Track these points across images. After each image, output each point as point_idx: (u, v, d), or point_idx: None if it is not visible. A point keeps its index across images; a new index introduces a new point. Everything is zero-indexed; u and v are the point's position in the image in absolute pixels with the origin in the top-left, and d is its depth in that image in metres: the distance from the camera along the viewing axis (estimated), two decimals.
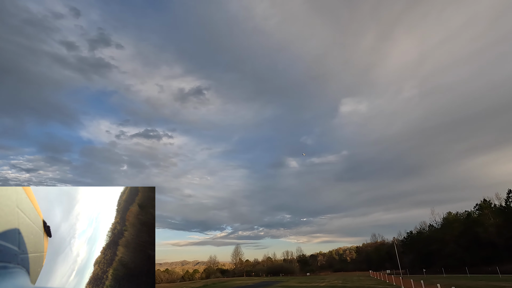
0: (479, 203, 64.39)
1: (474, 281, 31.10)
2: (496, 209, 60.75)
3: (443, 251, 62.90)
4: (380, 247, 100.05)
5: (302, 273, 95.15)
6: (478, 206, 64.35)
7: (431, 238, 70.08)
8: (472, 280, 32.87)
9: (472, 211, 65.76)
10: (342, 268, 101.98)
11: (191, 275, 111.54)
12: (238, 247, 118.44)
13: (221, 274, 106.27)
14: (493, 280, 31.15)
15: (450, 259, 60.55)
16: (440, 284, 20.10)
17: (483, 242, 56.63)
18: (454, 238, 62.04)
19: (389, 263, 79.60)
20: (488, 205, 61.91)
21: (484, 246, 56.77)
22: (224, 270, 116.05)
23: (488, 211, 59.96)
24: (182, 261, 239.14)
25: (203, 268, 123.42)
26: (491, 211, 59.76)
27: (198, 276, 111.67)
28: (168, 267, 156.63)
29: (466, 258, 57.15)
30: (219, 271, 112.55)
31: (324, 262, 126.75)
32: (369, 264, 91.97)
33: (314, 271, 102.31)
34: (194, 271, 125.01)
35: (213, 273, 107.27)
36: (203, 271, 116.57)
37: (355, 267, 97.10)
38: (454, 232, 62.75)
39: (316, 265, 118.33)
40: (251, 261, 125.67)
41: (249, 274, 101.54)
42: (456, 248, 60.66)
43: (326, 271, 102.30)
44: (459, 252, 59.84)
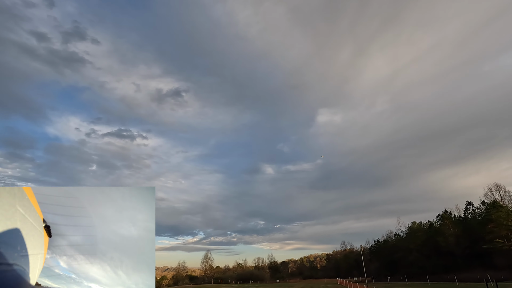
0: (440, 214, 67.70)
1: None
2: (456, 219, 64.13)
3: (407, 259, 65.09)
4: (349, 254, 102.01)
5: (272, 280, 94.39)
6: (439, 217, 67.58)
7: (396, 246, 72.44)
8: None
9: (434, 221, 68.95)
10: (311, 275, 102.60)
11: (158, 282, 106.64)
12: (208, 253, 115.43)
13: (190, 281, 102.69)
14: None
15: (413, 267, 62.70)
16: None
17: (443, 251, 59.31)
18: (417, 247, 64.43)
19: (357, 271, 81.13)
20: (449, 216, 65.21)
21: (443, 255, 59.45)
22: (193, 276, 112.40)
23: (448, 221, 63.09)
24: None
25: (172, 275, 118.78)
26: (451, 222, 62.95)
27: (166, 283, 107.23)
28: None
29: (427, 266, 59.41)
30: (188, 277, 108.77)
31: (295, 269, 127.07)
32: (338, 272, 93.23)
33: (284, 278, 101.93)
34: (162, 277, 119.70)
35: (182, 279, 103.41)
36: (171, 278, 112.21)
37: (324, 275, 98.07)
38: (418, 241, 65.23)
39: (287, 272, 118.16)
40: (222, 267, 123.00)
41: (218, 281, 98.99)
42: (418, 256, 62.99)
43: (296, 278, 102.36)
44: (421, 260, 62.18)
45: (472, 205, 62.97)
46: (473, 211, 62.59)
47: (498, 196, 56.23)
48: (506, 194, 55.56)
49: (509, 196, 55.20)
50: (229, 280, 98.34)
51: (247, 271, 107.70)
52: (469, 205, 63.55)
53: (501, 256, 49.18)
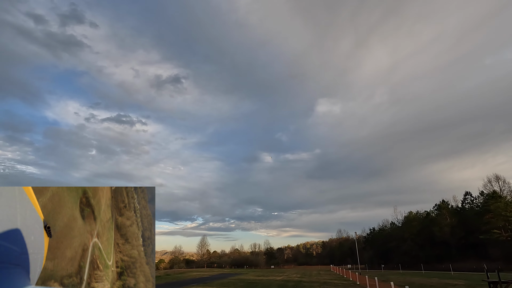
0: (438, 204, 67.18)
1: (428, 278, 31.39)
2: (453, 209, 63.59)
3: (401, 248, 65.06)
4: (344, 242, 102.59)
5: (267, 266, 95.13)
6: (436, 207, 67.09)
7: (391, 235, 72.38)
8: (426, 277, 33.28)
9: (431, 211, 68.51)
10: (306, 262, 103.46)
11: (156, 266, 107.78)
12: (204, 238, 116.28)
13: (186, 265, 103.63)
14: (445, 277, 31.65)
15: (407, 256, 62.71)
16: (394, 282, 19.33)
17: (438, 241, 59.09)
18: (412, 236, 64.29)
19: (351, 259, 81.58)
20: (446, 206, 64.67)
21: (437, 245, 59.29)
22: (190, 260, 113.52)
23: (445, 211, 62.57)
24: None
25: (169, 259, 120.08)
26: (448, 211, 62.43)
27: (163, 266, 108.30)
28: None
29: (421, 256, 59.35)
30: (185, 261, 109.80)
31: (291, 255, 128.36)
32: (332, 259, 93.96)
33: (279, 264, 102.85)
34: (159, 261, 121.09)
35: (178, 263, 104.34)
36: (168, 261, 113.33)
37: (319, 262, 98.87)
38: (413, 231, 65.03)
39: (282, 259, 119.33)
40: (218, 252, 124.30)
41: (212, 265, 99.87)
42: (413, 245, 62.90)
43: (290, 264, 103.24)
44: (415, 249, 62.11)
45: (470, 195, 62.29)
46: (471, 202, 61.97)
47: (497, 187, 55.46)
48: (506, 185, 54.77)
49: (508, 187, 54.45)
50: (223, 265, 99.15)
51: (243, 257, 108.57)
52: (467, 195, 62.86)
53: (496, 246, 48.86)
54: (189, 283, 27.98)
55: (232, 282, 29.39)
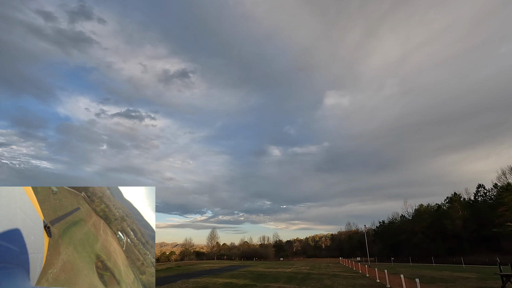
0: (449, 197, 66.13)
1: (439, 271, 31.19)
2: (465, 202, 62.52)
3: (411, 241, 64.57)
4: (353, 235, 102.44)
5: (276, 258, 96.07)
6: (448, 199, 66.07)
7: (401, 228, 71.83)
8: (437, 270, 33.07)
9: (442, 204, 67.56)
10: (315, 255, 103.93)
11: (166, 257, 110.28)
12: (214, 231, 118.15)
13: (196, 257, 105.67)
14: (457, 270, 31.39)
15: (417, 249, 62.26)
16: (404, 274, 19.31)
17: (449, 234, 58.37)
18: (422, 229, 63.67)
19: (360, 251, 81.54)
20: (458, 199, 63.61)
21: (449, 238, 58.59)
22: (200, 253, 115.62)
23: (457, 204, 61.58)
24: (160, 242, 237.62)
25: (180, 251, 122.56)
26: (460, 204, 61.42)
27: (174, 257, 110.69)
28: None
29: (431, 249, 58.83)
30: (195, 253, 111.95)
31: (300, 248, 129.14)
32: (341, 252, 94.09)
33: (288, 256, 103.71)
34: (170, 253, 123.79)
35: (188, 255, 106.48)
36: (179, 253, 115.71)
37: (328, 254, 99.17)
38: (423, 224, 64.37)
39: (291, 251, 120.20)
40: (227, 244, 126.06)
41: (222, 257, 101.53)
42: (423, 238, 62.33)
43: (299, 257, 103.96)
44: (426, 242, 61.55)
45: (483, 188, 61.00)
46: (484, 194, 60.73)
47: None
48: None
49: None
50: (233, 257, 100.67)
51: (252, 249, 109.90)
52: (480, 188, 61.60)
53: (509, 240, 47.92)
54: (200, 275, 28.64)
55: (242, 273, 29.93)
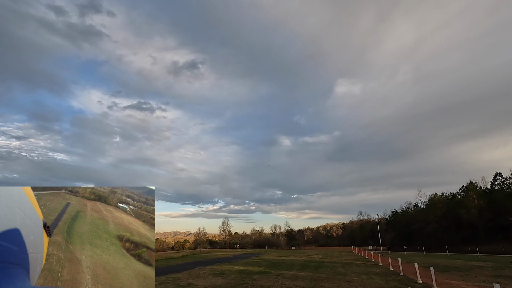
0: (465, 186, 64.81)
1: (453, 259, 31.11)
2: (481, 191, 61.19)
3: (424, 230, 64.06)
4: (365, 224, 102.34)
5: (287, 247, 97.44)
6: (464, 188, 64.80)
7: (414, 217, 71.23)
8: (451, 259, 32.96)
9: (457, 193, 66.36)
10: (326, 244, 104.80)
11: (181, 245, 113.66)
12: (226, 220, 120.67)
13: (209, 245, 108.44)
14: (472, 259, 31.21)
15: (430, 238, 61.82)
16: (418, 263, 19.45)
17: (464, 223, 57.51)
18: (436, 218, 62.96)
19: (372, 240, 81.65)
20: (474, 188, 62.29)
21: (463, 227, 57.78)
22: (213, 241, 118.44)
23: (473, 193, 60.36)
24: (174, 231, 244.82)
25: (193, 239, 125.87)
26: (476, 193, 60.19)
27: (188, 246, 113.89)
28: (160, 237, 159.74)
29: (445, 238, 58.29)
30: (208, 242, 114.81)
31: (311, 237, 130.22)
32: (353, 241, 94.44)
33: (300, 245, 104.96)
34: (184, 241, 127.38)
35: (202, 243, 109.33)
36: (193, 242, 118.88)
37: (339, 243, 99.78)
38: (437, 213, 63.58)
39: (303, 240, 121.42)
40: (240, 233, 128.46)
41: (235, 246, 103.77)
42: (437, 227, 61.72)
43: (311, 245, 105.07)
44: (440, 231, 60.96)
45: (501, 176, 59.42)
46: (501, 183, 59.20)
47: None
48: None
49: None
50: (245, 245, 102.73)
51: (264, 238, 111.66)
52: (497, 176, 60.02)
53: None
54: (216, 262, 29.62)
55: (256, 261, 30.75)
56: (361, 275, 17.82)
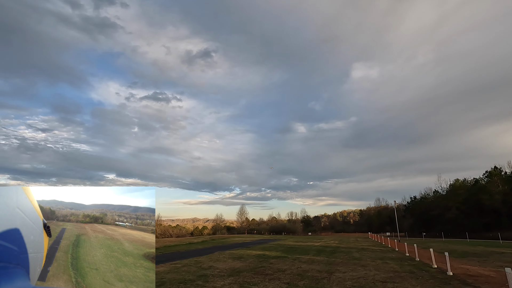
0: (488, 171, 62.51)
1: (473, 246, 30.74)
2: (506, 176, 58.87)
3: (444, 216, 62.87)
4: (383, 211, 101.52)
5: (304, 233, 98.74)
6: (487, 173, 62.55)
7: (434, 203, 69.84)
8: (471, 245, 32.54)
9: (480, 178, 64.17)
10: (343, 230, 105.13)
11: (200, 231, 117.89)
12: (243, 207, 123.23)
13: (227, 231, 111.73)
14: (493, 246, 30.69)
15: (450, 224, 60.71)
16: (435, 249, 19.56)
17: (486, 209, 55.91)
18: (457, 204, 61.52)
19: (390, 226, 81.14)
20: (498, 173, 59.99)
21: (486, 213, 56.21)
22: (231, 227, 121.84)
23: (497, 178, 58.22)
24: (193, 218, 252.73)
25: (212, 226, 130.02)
26: (500, 179, 58.01)
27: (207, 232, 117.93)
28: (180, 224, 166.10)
29: (466, 224, 57.07)
30: (226, 228, 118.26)
31: (328, 223, 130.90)
32: (370, 227, 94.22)
33: (316, 231, 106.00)
34: (203, 227, 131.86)
35: (220, 230, 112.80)
36: (211, 228, 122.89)
37: (356, 229, 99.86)
38: (458, 199, 62.03)
39: (319, 226, 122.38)
40: (256, 220, 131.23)
41: (252, 232, 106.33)
42: (458, 214, 60.41)
43: (327, 232, 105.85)
44: (461, 218, 59.67)
45: None
46: None
47: None
48: None
49: None
50: (262, 231, 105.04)
51: (280, 224, 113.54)
52: None
53: None
54: (234, 247, 30.91)
55: (273, 246, 31.78)
56: (376, 260, 18.22)
